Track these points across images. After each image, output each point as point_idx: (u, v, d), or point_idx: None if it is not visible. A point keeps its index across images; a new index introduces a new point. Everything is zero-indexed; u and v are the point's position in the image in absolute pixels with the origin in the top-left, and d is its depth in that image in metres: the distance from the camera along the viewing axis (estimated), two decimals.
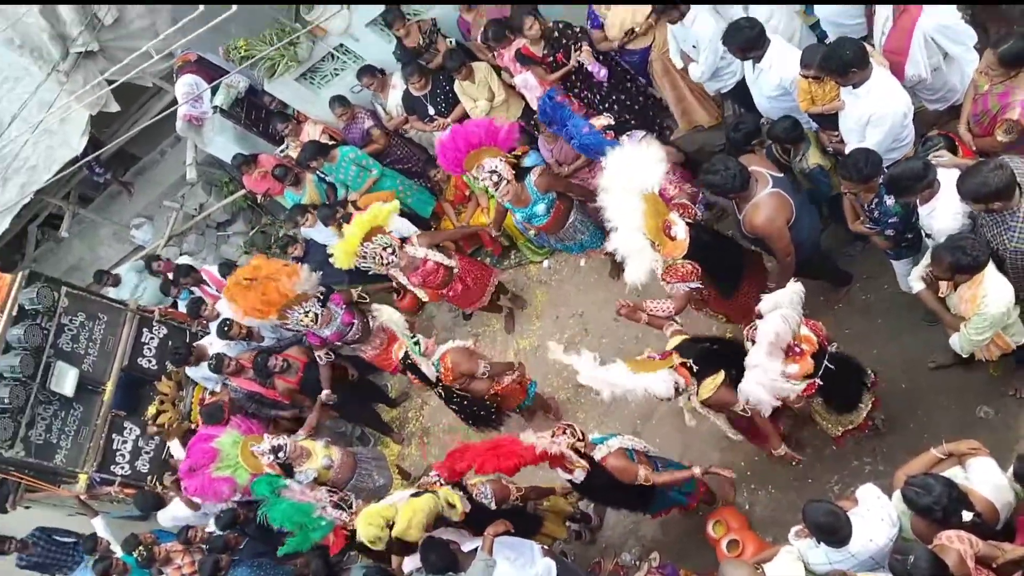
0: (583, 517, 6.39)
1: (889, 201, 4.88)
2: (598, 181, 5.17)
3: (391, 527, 5.15)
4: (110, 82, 8.87)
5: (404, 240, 6.68)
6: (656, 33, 6.56)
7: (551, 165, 7.24)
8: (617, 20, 6.44)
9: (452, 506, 5.22)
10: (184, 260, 9.33)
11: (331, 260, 6.72)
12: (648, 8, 6.37)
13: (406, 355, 6.19)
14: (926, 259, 4.62)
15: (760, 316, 4.73)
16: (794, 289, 4.77)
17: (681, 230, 5.10)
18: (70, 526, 8.18)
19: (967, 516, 3.79)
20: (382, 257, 6.45)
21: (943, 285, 4.49)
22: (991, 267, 4.27)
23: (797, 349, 4.74)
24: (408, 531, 5.05)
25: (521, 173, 6.34)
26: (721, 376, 4.88)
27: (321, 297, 6.66)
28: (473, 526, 5.42)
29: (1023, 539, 3.94)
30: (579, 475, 5.04)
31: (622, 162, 4.97)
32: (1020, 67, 4.54)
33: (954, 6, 4.95)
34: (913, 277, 4.76)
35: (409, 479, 7.54)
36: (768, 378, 4.66)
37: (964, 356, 4.71)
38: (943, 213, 4.57)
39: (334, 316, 6.74)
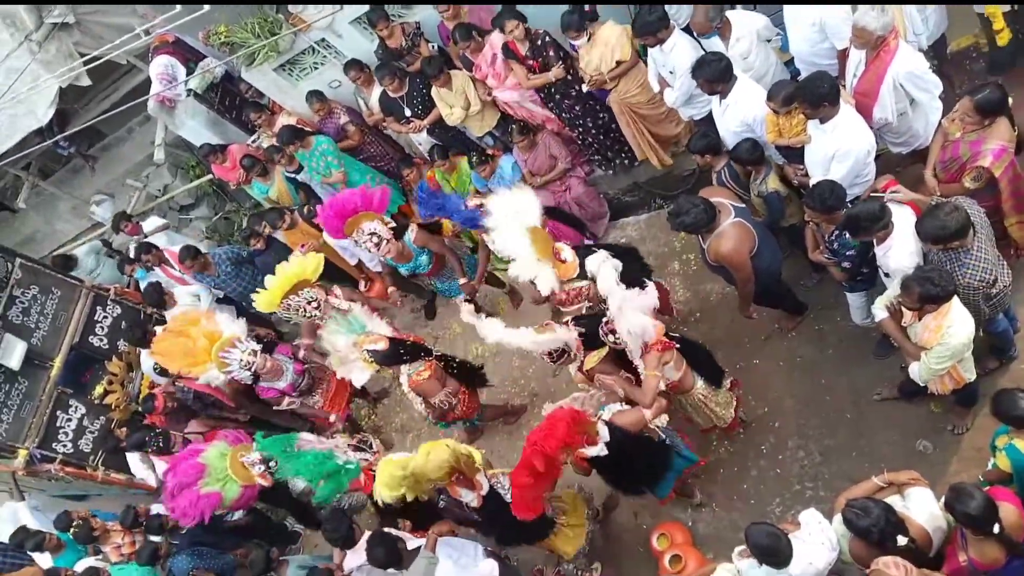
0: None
1: (848, 234, 5.06)
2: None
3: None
4: (84, 56, 8.78)
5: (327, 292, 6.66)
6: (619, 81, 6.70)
7: (525, 175, 7.35)
8: (594, 60, 6.56)
9: (472, 460, 5.21)
10: (151, 224, 9.14)
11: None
12: (624, 53, 6.47)
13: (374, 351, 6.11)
14: (892, 289, 4.76)
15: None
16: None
17: (569, 254, 5.63)
18: None
19: (902, 541, 3.95)
20: (306, 311, 6.42)
21: (907, 315, 4.63)
22: (956, 299, 4.44)
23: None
24: (427, 466, 5.00)
25: (399, 232, 6.65)
26: (605, 351, 5.34)
27: (262, 343, 6.72)
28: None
29: (949, 568, 4.11)
30: (604, 433, 4.89)
31: (505, 206, 5.61)
32: (994, 116, 4.74)
33: (922, 56, 5.15)
34: (877, 306, 4.90)
35: None
36: (635, 305, 5.05)
37: (922, 384, 4.85)
38: (898, 252, 4.76)
39: (284, 367, 6.78)
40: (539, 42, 6.72)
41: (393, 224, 6.61)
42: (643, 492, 5.51)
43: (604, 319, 5.22)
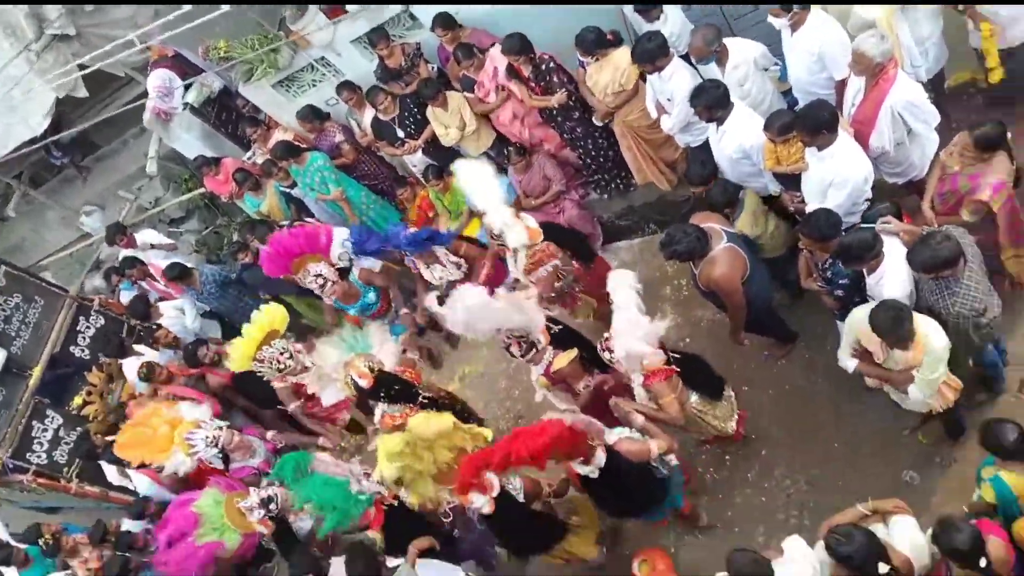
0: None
1: (840, 263, 5.06)
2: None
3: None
4: (82, 67, 8.80)
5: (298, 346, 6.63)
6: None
7: (519, 195, 7.36)
8: (602, 81, 6.62)
9: (483, 436, 5.18)
10: (146, 237, 8.95)
11: None
12: (630, 81, 6.51)
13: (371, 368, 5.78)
14: (848, 335, 4.80)
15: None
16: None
17: (532, 221, 5.94)
18: None
19: (883, 569, 3.89)
20: (279, 362, 6.30)
21: (877, 351, 4.62)
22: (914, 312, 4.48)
23: None
24: (426, 429, 4.97)
25: (344, 272, 6.67)
26: (575, 353, 5.42)
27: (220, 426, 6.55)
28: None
29: None
30: (600, 458, 4.79)
31: (471, 174, 5.99)
32: (992, 151, 4.78)
33: (920, 87, 5.20)
34: (843, 357, 4.91)
35: None
36: (639, 332, 4.98)
37: (928, 405, 4.79)
38: (891, 281, 4.75)
39: (255, 447, 6.72)
40: (543, 67, 6.77)
41: (341, 265, 6.60)
42: (630, 516, 5.40)
43: (605, 335, 5.15)
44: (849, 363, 4.87)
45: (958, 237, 4.52)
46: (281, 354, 6.29)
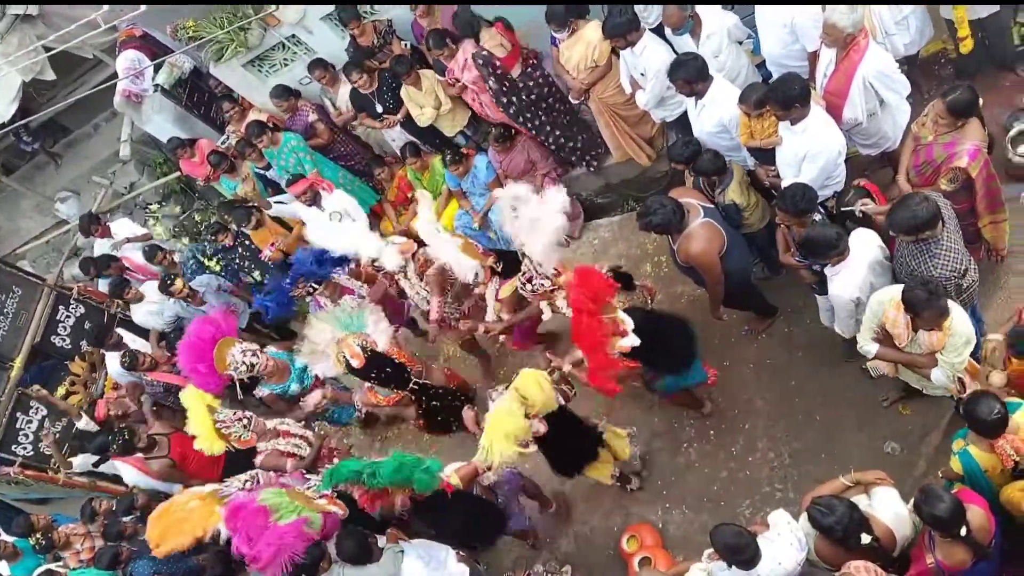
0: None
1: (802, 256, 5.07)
2: None
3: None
4: (48, 49, 8.61)
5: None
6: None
7: (499, 175, 7.31)
8: (574, 58, 6.54)
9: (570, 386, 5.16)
10: (120, 228, 8.73)
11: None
12: (603, 55, 6.44)
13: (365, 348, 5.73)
14: (869, 319, 4.69)
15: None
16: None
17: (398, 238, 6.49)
18: None
19: (866, 539, 3.97)
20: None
21: (902, 333, 4.54)
22: None
23: None
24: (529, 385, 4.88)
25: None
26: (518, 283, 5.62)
27: None
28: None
29: (916, 570, 4.11)
30: (631, 329, 4.94)
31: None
32: (967, 117, 4.76)
33: (891, 56, 5.18)
34: (863, 342, 4.79)
35: None
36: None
37: (953, 389, 4.69)
38: (844, 281, 4.78)
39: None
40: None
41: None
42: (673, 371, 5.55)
43: (523, 270, 5.36)
44: (870, 347, 4.76)
45: (935, 199, 4.53)
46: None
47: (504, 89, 6.83)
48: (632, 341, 4.97)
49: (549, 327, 6.35)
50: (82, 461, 7.73)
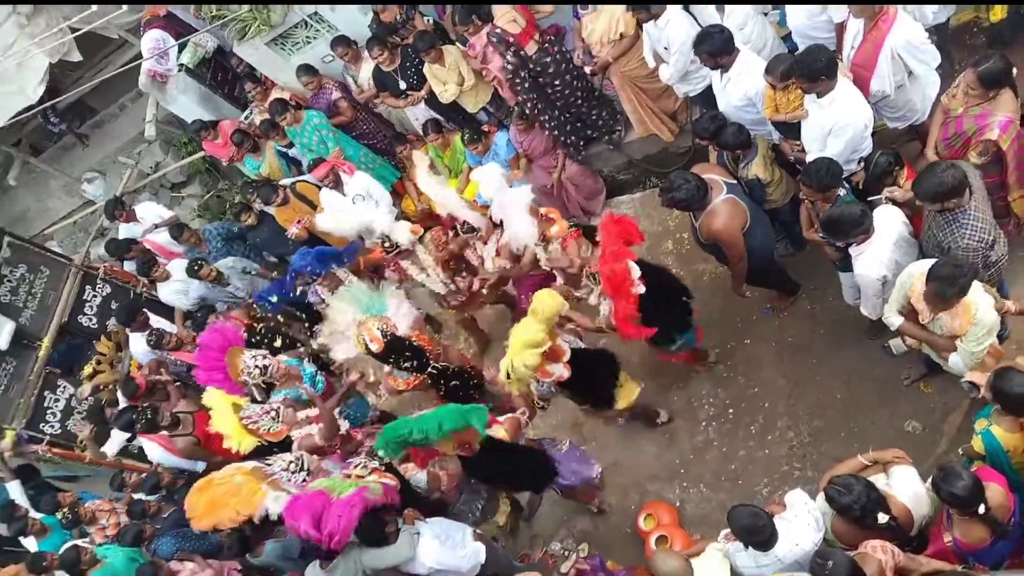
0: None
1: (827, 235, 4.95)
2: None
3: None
4: (74, 30, 8.68)
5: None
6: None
7: (519, 153, 7.27)
8: (598, 30, 6.46)
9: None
10: (145, 211, 8.72)
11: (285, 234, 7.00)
12: (629, 26, 6.36)
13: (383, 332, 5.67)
14: (896, 293, 4.58)
15: None
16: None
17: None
18: None
19: (883, 518, 3.90)
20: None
21: (924, 311, 4.45)
22: None
23: None
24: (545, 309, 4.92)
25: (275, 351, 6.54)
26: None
27: None
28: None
29: (934, 549, 4.05)
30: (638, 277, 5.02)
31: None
32: (998, 88, 4.62)
33: (920, 26, 5.04)
34: (889, 314, 4.70)
35: None
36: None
37: (968, 374, 4.53)
38: (869, 259, 4.67)
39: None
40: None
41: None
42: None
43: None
44: (895, 319, 4.67)
45: (963, 167, 4.41)
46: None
47: (518, 67, 6.75)
48: (640, 289, 4.98)
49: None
50: (114, 442, 7.82)
